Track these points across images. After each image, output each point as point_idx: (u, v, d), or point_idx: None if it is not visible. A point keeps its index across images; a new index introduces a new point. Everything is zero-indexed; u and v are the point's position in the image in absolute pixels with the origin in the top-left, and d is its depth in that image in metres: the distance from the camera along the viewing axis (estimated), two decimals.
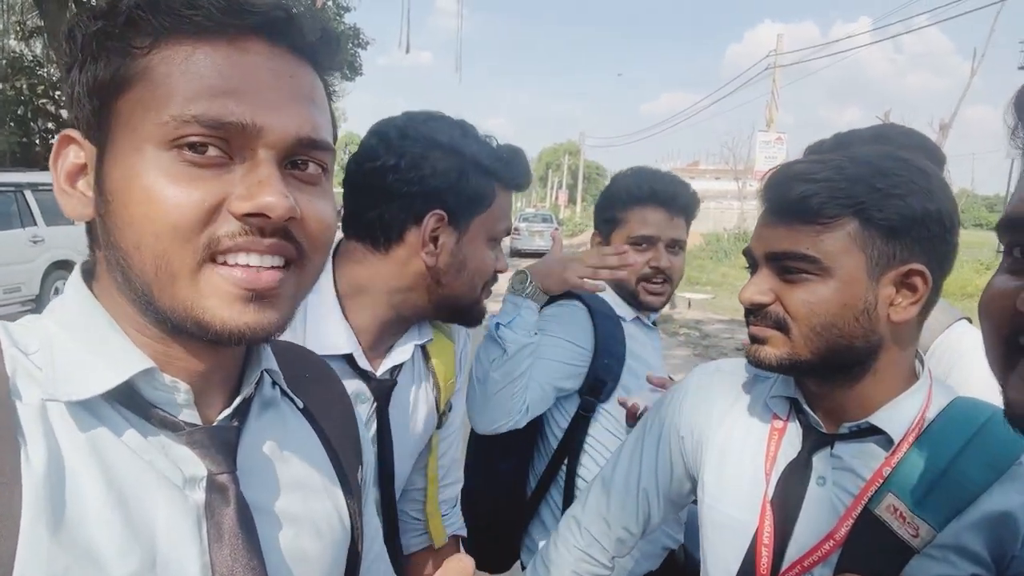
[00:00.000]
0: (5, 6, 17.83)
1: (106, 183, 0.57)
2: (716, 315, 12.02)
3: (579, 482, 1.64)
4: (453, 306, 1.19)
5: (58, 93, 16.55)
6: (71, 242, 9.72)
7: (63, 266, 9.52)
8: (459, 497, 1.49)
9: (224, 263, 0.56)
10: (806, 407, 0.98)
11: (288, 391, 0.74)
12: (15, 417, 0.53)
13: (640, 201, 1.68)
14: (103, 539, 0.53)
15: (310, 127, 0.60)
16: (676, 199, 1.69)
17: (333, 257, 1.17)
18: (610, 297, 1.72)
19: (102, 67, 0.56)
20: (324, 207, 0.62)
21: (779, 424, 1.02)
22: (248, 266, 0.57)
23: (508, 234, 1.24)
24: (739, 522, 1.01)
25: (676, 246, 1.71)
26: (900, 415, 0.92)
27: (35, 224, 9.10)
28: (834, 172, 0.90)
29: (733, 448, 1.06)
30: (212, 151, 0.55)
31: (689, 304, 12.88)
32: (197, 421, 0.62)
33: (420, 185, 1.10)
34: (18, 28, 17.67)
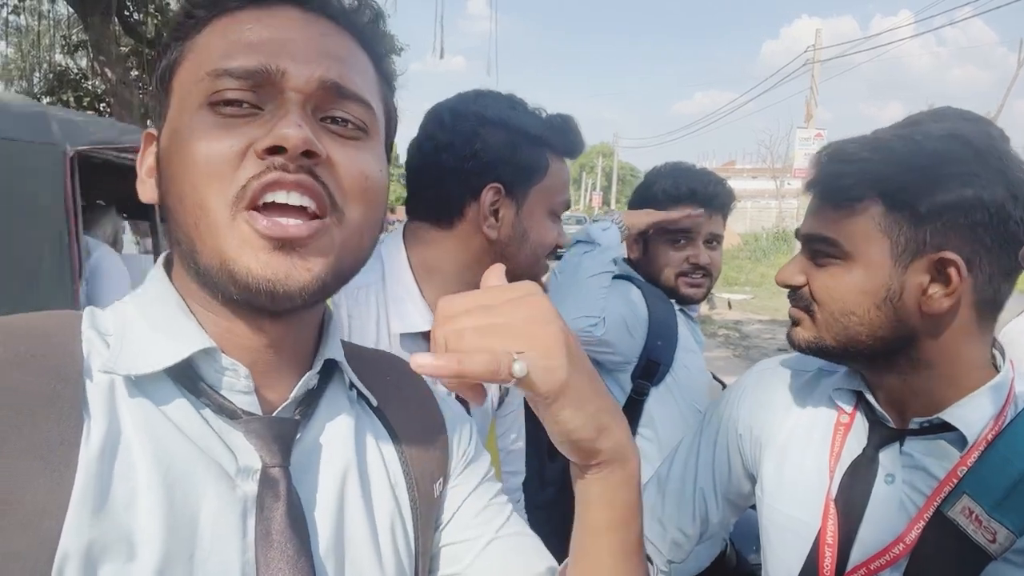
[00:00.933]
0: (51, 21, 18.37)
1: (161, 156, 0.61)
2: (755, 315, 11.82)
3: None
4: (518, 279, 1.19)
5: (103, 105, 17.00)
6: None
7: None
8: (521, 489, 1.49)
9: (255, 210, 0.56)
10: (872, 400, 0.94)
11: (361, 387, 0.71)
12: (82, 395, 0.54)
13: (679, 200, 1.68)
14: (144, 523, 0.53)
15: (336, 74, 0.59)
16: (715, 197, 1.70)
17: (403, 239, 1.20)
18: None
19: (165, 60, 0.62)
20: (361, 157, 0.61)
21: (845, 418, 0.97)
22: (274, 209, 0.56)
23: (568, 207, 1.24)
24: (801, 522, 0.96)
25: (714, 241, 1.71)
26: (975, 412, 0.86)
27: None
28: (872, 152, 0.85)
29: (795, 445, 1.01)
30: (244, 106, 0.57)
31: (730, 305, 12.70)
32: (257, 410, 0.61)
33: (474, 160, 1.13)
34: (63, 42, 18.19)
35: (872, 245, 0.84)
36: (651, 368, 1.59)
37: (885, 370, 0.91)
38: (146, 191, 0.64)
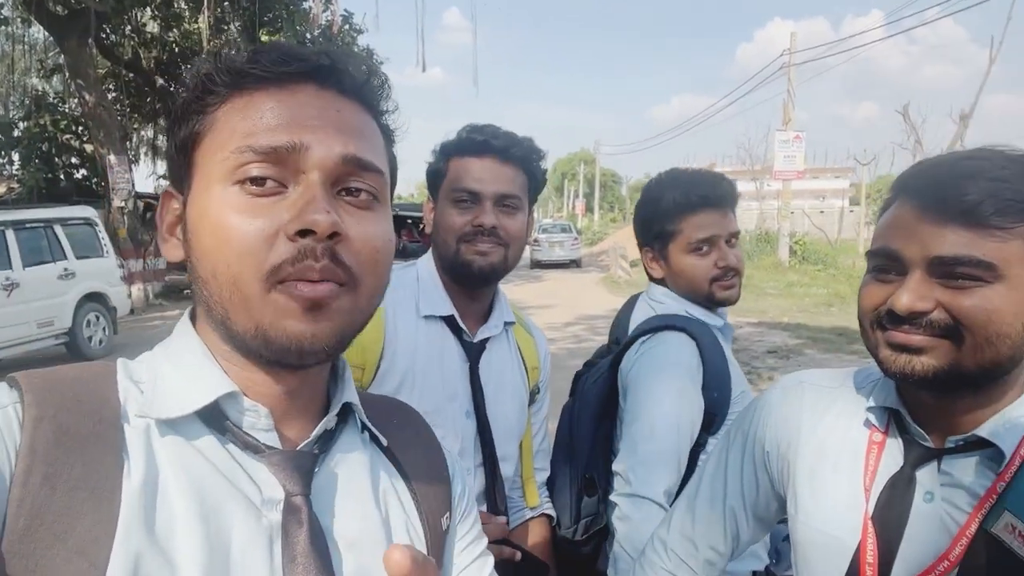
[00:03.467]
0: (27, 45, 18.22)
1: (188, 224, 0.66)
2: (743, 318, 11.88)
3: None
4: (446, 264, 1.48)
5: (81, 128, 16.87)
6: (102, 274, 9.89)
7: (94, 298, 9.67)
8: (546, 485, 1.69)
9: (286, 285, 0.62)
10: (908, 419, 0.94)
11: (372, 428, 0.77)
12: (122, 437, 0.61)
13: (692, 208, 1.64)
14: (184, 549, 0.58)
15: (355, 147, 0.65)
16: (725, 197, 1.66)
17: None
18: (697, 311, 1.67)
19: (184, 129, 0.66)
20: (373, 230, 0.67)
21: (878, 437, 0.97)
22: (305, 284, 0.62)
23: (467, 193, 1.43)
24: (838, 540, 0.96)
25: (733, 239, 1.68)
26: (1011, 427, 0.87)
27: (65, 258, 9.24)
28: (1004, 171, 0.83)
29: (827, 463, 1.01)
30: (270, 183, 0.62)
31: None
32: (278, 446, 0.67)
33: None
34: (39, 66, 18.04)
35: (1023, 266, 0.83)
36: (708, 420, 1.52)
37: (969, 392, 0.88)
38: (170, 250, 0.70)
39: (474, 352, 1.48)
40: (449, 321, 1.47)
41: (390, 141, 0.74)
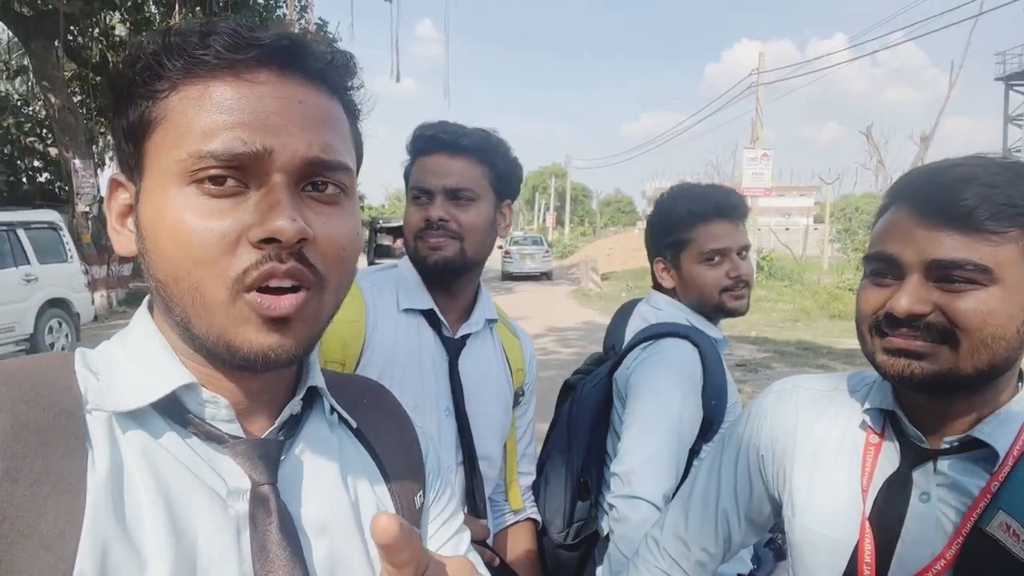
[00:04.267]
0: None
1: (141, 220, 0.63)
2: None
3: None
4: (412, 260, 1.51)
5: (45, 131, 16.52)
6: (65, 280, 9.66)
7: (57, 304, 9.44)
8: (531, 488, 1.69)
9: (251, 291, 0.60)
10: (905, 421, 0.96)
11: (341, 411, 0.75)
12: (84, 428, 0.59)
13: (705, 218, 1.67)
14: (151, 541, 0.57)
15: (319, 148, 0.62)
16: (735, 207, 1.70)
17: None
18: (699, 321, 1.69)
19: (132, 112, 0.62)
20: (340, 228, 0.65)
21: (875, 439, 1.00)
22: (269, 291, 0.60)
23: (420, 190, 1.46)
24: (835, 541, 0.98)
25: (744, 251, 1.71)
26: (1004, 427, 0.90)
27: (28, 263, 9.01)
28: (997, 177, 0.86)
29: (824, 465, 1.03)
30: (230, 182, 0.59)
31: None
32: (241, 434, 0.66)
33: None
34: (3, 67, 17.66)
35: (1017, 271, 0.85)
36: (704, 426, 1.55)
37: (964, 394, 0.90)
38: (122, 243, 0.66)
39: (453, 348, 1.48)
40: (429, 316, 1.47)
41: (355, 119, 0.71)
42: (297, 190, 0.62)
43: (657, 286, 1.79)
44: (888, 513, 0.94)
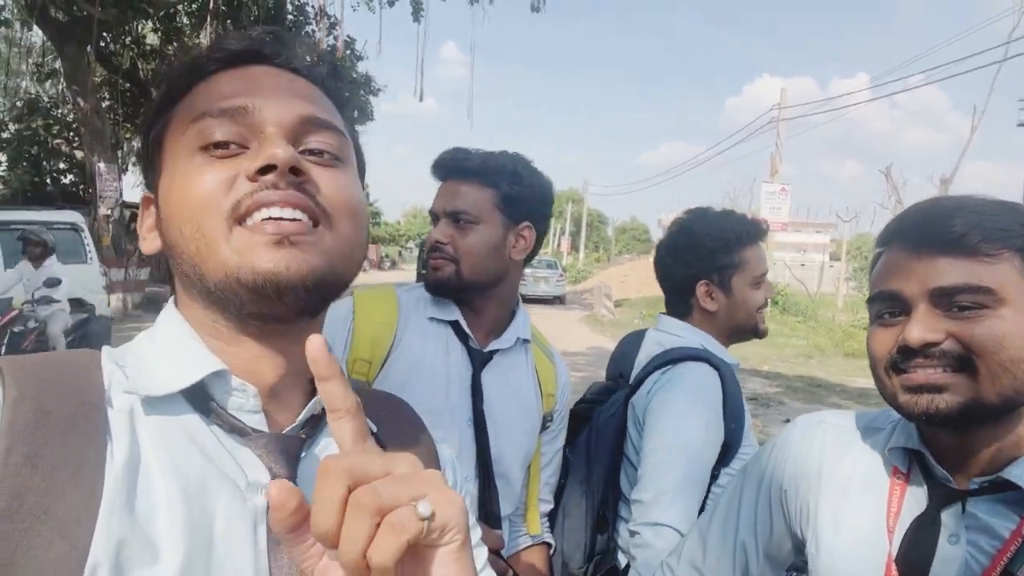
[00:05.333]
0: (23, 48, 18.20)
1: (159, 201, 0.67)
2: None
3: None
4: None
5: (72, 134, 16.79)
6: (84, 280, 9.75)
7: (74, 304, 9.49)
8: (547, 516, 1.70)
9: (250, 222, 0.61)
10: (932, 461, 0.95)
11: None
12: (105, 419, 0.60)
13: (752, 239, 1.71)
14: (166, 531, 0.57)
15: (310, 109, 0.67)
16: (763, 231, 1.77)
17: None
18: (715, 347, 1.68)
19: (157, 126, 0.69)
20: (342, 179, 0.67)
21: (900, 478, 0.98)
22: (271, 220, 0.61)
23: (431, 213, 1.52)
24: None
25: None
26: None
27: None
28: (984, 207, 0.88)
29: (849, 504, 1.01)
30: (232, 146, 0.63)
31: None
32: (265, 429, 0.66)
33: None
34: (35, 70, 18.00)
35: (1020, 290, 0.86)
36: (723, 450, 1.53)
37: (986, 428, 0.89)
38: (148, 244, 0.70)
39: (479, 360, 1.50)
40: (455, 327, 1.50)
41: (351, 124, 0.75)
42: (295, 148, 0.64)
43: (674, 312, 1.77)
44: (916, 555, 0.92)
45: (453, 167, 1.48)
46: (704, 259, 1.71)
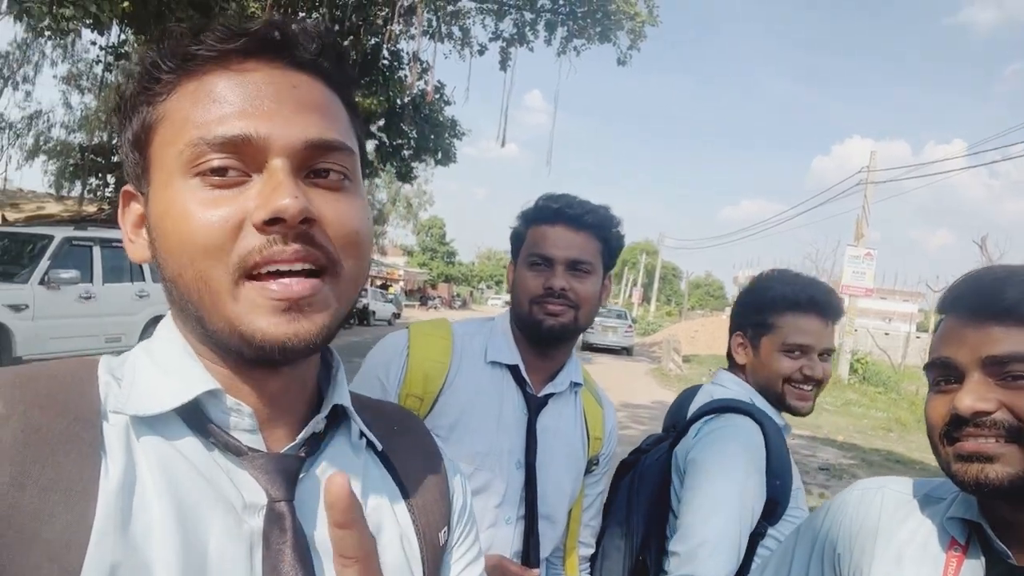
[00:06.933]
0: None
1: (151, 222, 0.63)
2: (795, 429, 11.47)
3: None
4: (520, 322, 1.55)
5: None
6: None
7: (151, 322, 10.04)
8: (588, 560, 1.71)
9: (258, 278, 0.58)
10: (991, 534, 0.92)
11: (368, 434, 0.73)
12: (100, 436, 0.57)
13: (797, 308, 1.65)
14: (160, 554, 0.55)
15: (317, 130, 0.61)
16: (832, 307, 1.67)
17: None
18: (762, 403, 1.66)
19: (136, 121, 0.63)
20: (348, 210, 0.63)
21: (957, 550, 0.95)
22: (280, 277, 0.58)
23: (540, 258, 1.51)
24: None
25: (827, 353, 1.68)
26: None
27: (143, 279, 9.67)
28: None
29: (904, 573, 0.98)
30: (231, 173, 0.59)
31: None
32: (262, 448, 0.64)
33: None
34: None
35: None
36: (770, 507, 1.51)
37: None
38: (136, 250, 0.66)
39: (535, 405, 1.52)
40: (513, 371, 1.53)
41: (356, 115, 0.69)
42: (300, 176, 0.60)
43: (731, 361, 1.78)
44: None
45: (575, 217, 1.51)
46: (743, 312, 1.75)
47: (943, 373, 0.94)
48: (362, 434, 0.72)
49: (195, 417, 0.62)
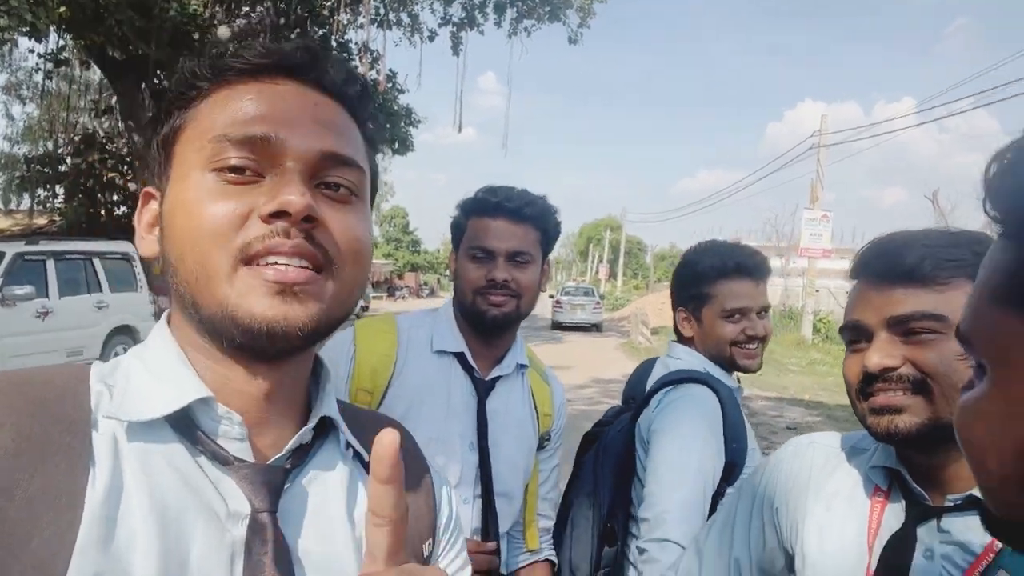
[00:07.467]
0: (81, 86, 19.07)
1: (163, 212, 0.66)
2: (762, 392, 11.77)
3: None
4: (463, 312, 1.59)
5: (126, 167, 17.47)
6: (133, 308, 10.13)
7: (123, 331, 9.89)
8: (551, 531, 1.79)
9: (256, 265, 0.61)
10: (909, 479, 1.00)
11: (356, 445, 0.74)
12: (89, 444, 0.58)
13: (727, 275, 1.74)
14: (140, 562, 0.56)
15: (332, 143, 0.65)
16: (759, 267, 1.77)
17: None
18: (715, 370, 1.75)
19: (168, 124, 0.67)
20: (352, 221, 0.66)
21: (880, 496, 1.03)
22: (277, 265, 0.61)
23: (482, 250, 1.56)
24: None
25: (764, 311, 1.77)
26: None
27: (100, 290, 9.52)
28: (935, 239, 0.95)
29: (834, 521, 1.06)
30: (248, 173, 0.62)
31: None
32: (249, 458, 0.64)
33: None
34: (92, 106, 18.84)
35: None
36: (728, 469, 1.59)
37: (953, 447, 0.94)
38: (145, 246, 0.69)
39: (483, 388, 1.59)
40: (460, 358, 1.59)
41: (372, 148, 0.74)
42: (310, 184, 0.64)
43: (678, 335, 1.86)
44: (892, 570, 0.97)
45: (514, 210, 1.56)
46: (680, 288, 1.85)
47: (855, 335, 1.01)
48: (349, 444, 0.74)
49: (184, 425, 0.63)
